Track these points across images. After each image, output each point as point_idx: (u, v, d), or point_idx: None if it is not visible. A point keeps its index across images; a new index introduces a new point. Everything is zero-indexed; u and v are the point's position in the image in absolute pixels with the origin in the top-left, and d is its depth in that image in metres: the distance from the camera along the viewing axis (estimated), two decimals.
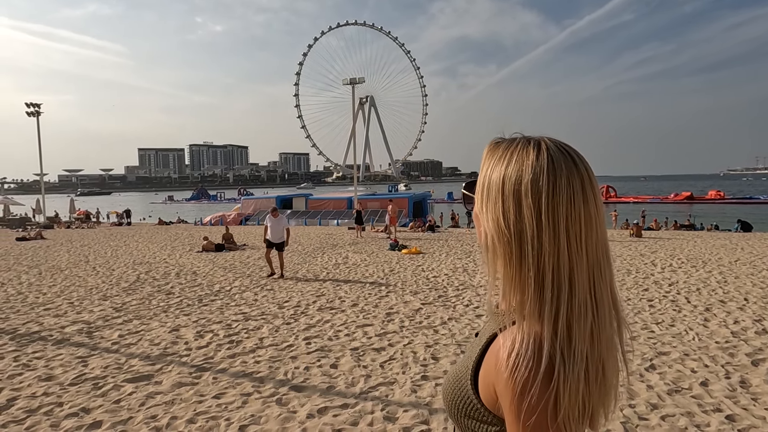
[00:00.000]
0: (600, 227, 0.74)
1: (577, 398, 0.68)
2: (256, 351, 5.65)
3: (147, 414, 4.05)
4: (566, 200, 0.71)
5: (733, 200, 49.72)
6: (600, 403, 0.72)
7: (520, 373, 0.68)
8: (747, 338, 5.78)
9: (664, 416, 3.86)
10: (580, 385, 0.68)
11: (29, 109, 32.64)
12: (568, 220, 0.71)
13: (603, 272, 0.73)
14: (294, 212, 33.08)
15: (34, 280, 10.68)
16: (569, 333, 0.70)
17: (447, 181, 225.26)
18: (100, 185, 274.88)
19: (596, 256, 0.73)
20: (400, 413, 4.01)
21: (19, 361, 5.41)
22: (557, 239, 0.70)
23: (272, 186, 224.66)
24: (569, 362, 0.68)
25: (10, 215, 35.35)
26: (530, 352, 0.69)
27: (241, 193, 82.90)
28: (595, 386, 0.70)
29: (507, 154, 0.77)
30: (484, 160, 0.81)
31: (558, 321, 0.70)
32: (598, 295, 0.72)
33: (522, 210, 0.72)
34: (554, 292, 0.70)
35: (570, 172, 0.72)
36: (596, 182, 0.76)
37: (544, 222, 0.70)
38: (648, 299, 7.86)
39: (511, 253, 0.73)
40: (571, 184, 0.72)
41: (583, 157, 0.77)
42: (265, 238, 11.03)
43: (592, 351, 0.70)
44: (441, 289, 8.97)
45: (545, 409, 0.67)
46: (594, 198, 0.74)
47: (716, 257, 12.52)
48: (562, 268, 0.70)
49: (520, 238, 0.72)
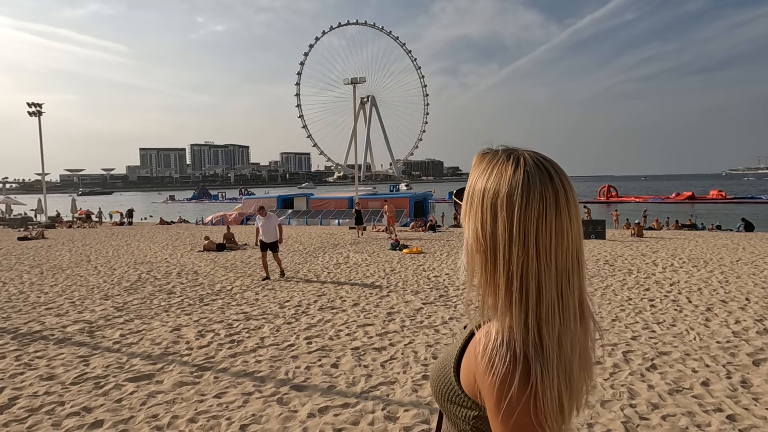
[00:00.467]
0: (572, 238, 0.79)
1: (554, 394, 0.74)
2: (257, 350, 5.66)
3: (148, 413, 4.06)
4: (537, 215, 0.76)
5: (734, 200, 49.64)
6: (569, 399, 0.77)
7: (497, 368, 0.75)
8: (748, 338, 5.78)
9: (665, 416, 3.86)
10: (555, 382, 0.74)
11: (31, 108, 32.66)
12: (538, 232, 0.76)
13: (571, 280, 0.79)
14: (295, 212, 33.09)
15: (35, 280, 10.70)
16: (540, 334, 0.76)
17: (448, 181, 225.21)
18: (101, 185, 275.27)
19: (565, 265, 0.78)
20: (401, 413, 4.01)
21: (21, 360, 5.42)
22: (527, 250, 0.76)
23: (273, 186, 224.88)
24: (544, 362, 0.74)
25: (11, 215, 35.42)
26: (504, 349, 0.75)
27: (243, 192, 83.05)
28: (565, 384, 0.75)
29: (489, 167, 0.83)
30: (471, 171, 0.87)
31: (528, 323, 0.76)
32: (565, 300, 0.78)
33: (497, 222, 0.79)
34: (522, 297, 0.77)
35: (544, 186, 0.78)
36: (573, 195, 0.80)
37: (515, 234, 0.77)
38: (649, 299, 7.86)
39: (486, 260, 0.81)
40: (544, 199, 0.77)
41: (562, 171, 0.82)
42: (258, 240, 10.74)
43: (560, 351, 0.76)
44: (442, 289, 8.97)
45: (526, 407, 0.73)
46: (568, 210, 0.78)
47: (718, 257, 12.51)
48: (531, 276, 0.76)
49: (495, 248, 0.79)
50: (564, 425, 0.77)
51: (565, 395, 0.75)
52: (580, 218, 0.82)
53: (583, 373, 0.80)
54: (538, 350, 0.75)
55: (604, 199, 51.31)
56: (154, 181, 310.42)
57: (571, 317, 0.78)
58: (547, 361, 0.74)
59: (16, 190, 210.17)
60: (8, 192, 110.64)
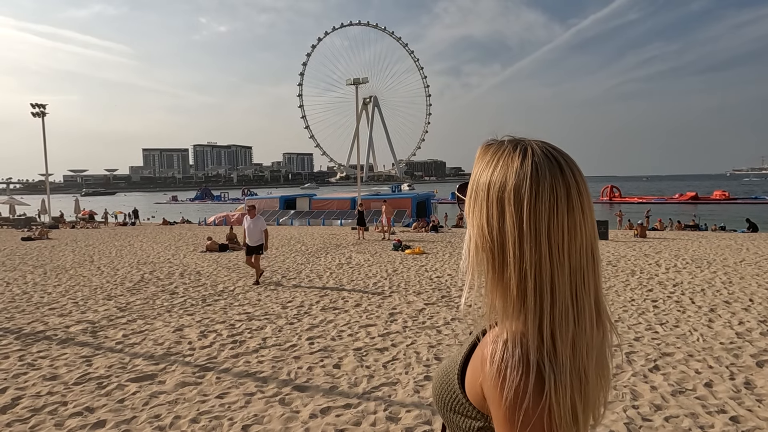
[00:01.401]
0: (585, 234, 0.73)
1: (567, 405, 0.68)
2: (259, 351, 5.66)
3: (151, 413, 4.07)
4: (548, 208, 0.71)
5: (738, 200, 49.46)
6: (584, 409, 0.72)
7: (509, 378, 0.69)
8: (752, 339, 5.75)
9: (668, 417, 3.85)
10: (568, 391, 0.68)
11: (34, 109, 32.79)
12: (550, 228, 0.71)
13: (586, 279, 0.73)
14: (298, 212, 33.14)
15: (39, 280, 10.74)
16: (554, 340, 0.70)
17: (450, 181, 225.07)
18: (104, 185, 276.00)
19: (579, 263, 0.72)
20: (402, 413, 4.01)
21: (24, 360, 5.44)
22: (539, 247, 0.70)
23: (276, 186, 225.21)
24: (557, 370, 0.69)
25: (15, 215, 35.56)
26: (516, 358, 0.69)
27: (245, 193, 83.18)
28: (579, 393, 0.70)
29: (494, 159, 0.76)
30: (475, 163, 0.80)
31: (543, 328, 0.70)
32: (580, 302, 0.72)
33: (505, 217, 0.72)
34: (536, 300, 0.71)
35: (555, 178, 0.72)
36: (585, 188, 0.75)
37: (525, 230, 0.71)
38: (652, 300, 7.83)
39: (493, 259, 0.74)
40: (555, 192, 0.71)
41: (573, 162, 0.76)
42: (244, 242, 10.22)
43: (573, 358, 0.70)
44: (444, 290, 8.96)
45: (540, 419, 0.67)
46: (580, 204, 0.73)
47: (721, 258, 12.46)
48: (544, 276, 0.70)
49: (503, 245, 0.73)
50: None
51: (579, 405, 0.70)
52: (593, 212, 0.76)
53: (600, 380, 0.74)
54: (551, 358, 0.69)
55: (607, 200, 51.22)
56: (157, 182, 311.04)
57: (587, 320, 0.72)
58: (561, 370, 0.69)
59: (20, 191, 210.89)
60: (12, 192, 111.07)
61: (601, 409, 0.75)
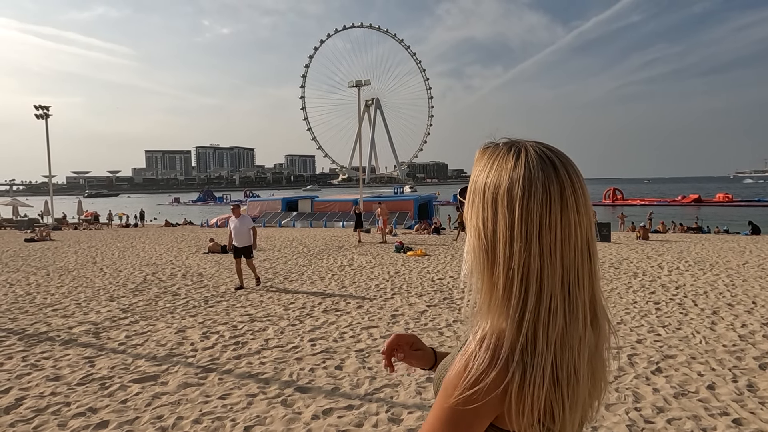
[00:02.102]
0: (580, 233, 0.73)
1: (539, 401, 0.69)
2: (261, 352, 5.67)
3: (153, 414, 4.08)
4: (540, 209, 0.71)
5: (741, 203, 49.32)
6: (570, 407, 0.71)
7: (470, 370, 0.70)
8: (755, 342, 5.74)
9: (671, 419, 3.84)
10: (543, 388, 0.68)
11: (38, 111, 32.94)
12: (541, 228, 0.71)
13: (580, 277, 0.73)
14: (300, 214, 33.21)
15: (42, 281, 10.77)
16: (535, 337, 0.70)
17: (453, 183, 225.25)
18: (107, 187, 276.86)
19: (573, 261, 0.73)
20: (404, 415, 4.01)
21: (27, 361, 5.46)
22: (528, 247, 0.71)
23: (278, 188, 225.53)
24: (530, 365, 0.69)
25: (18, 217, 35.66)
26: (483, 351, 0.71)
27: (247, 194, 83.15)
28: (567, 390, 0.70)
29: (490, 161, 0.77)
30: (473, 166, 0.82)
31: (523, 325, 0.71)
32: (572, 299, 0.72)
33: (498, 219, 0.73)
34: (521, 298, 0.71)
35: (548, 178, 0.72)
36: (581, 186, 0.75)
37: (517, 231, 0.71)
38: (655, 302, 7.82)
39: (486, 259, 0.75)
40: (548, 192, 0.71)
41: (568, 161, 0.76)
42: (230, 245, 9.65)
43: (562, 355, 0.70)
44: (446, 292, 8.96)
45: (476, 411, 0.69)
46: (575, 203, 0.73)
47: (724, 260, 12.43)
48: (532, 275, 0.71)
49: (495, 247, 0.74)
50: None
51: (557, 403, 0.70)
52: (590, 211, 0.75)
53: (594, 380, 0.74)
54: (526, 355, 0.70)
55: (609, 202, 51.16)
56: (159, 183, 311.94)
57: (580, 318, 0.72)
58: (536, 367, 0.69)
59: (23, 192, 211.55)
60: (15, 194, 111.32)
61: (593, 410, 0.75)
